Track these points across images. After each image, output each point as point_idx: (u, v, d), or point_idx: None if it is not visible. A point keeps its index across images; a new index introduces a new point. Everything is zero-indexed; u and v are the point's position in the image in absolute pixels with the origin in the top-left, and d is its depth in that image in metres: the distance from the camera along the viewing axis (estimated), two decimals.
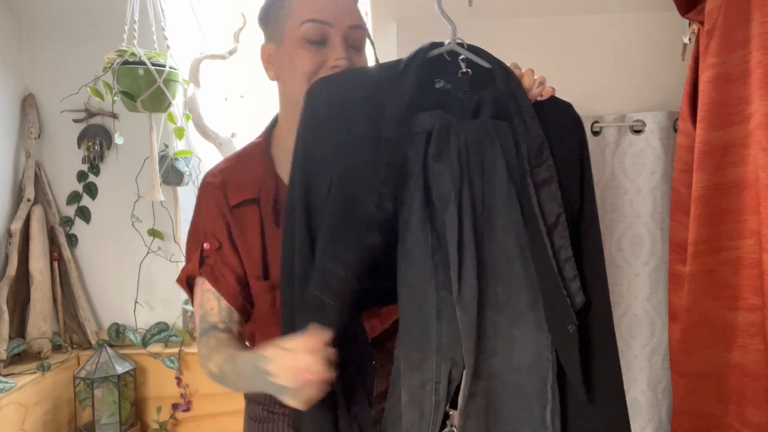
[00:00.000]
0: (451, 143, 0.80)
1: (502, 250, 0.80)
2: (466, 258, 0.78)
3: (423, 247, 0.79)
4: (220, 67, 2.14)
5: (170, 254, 2.03)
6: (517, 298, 0.80)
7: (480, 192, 0.80)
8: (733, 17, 1.24)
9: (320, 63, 0.90)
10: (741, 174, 1.25)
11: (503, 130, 0.82)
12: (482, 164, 0.80)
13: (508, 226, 0.80)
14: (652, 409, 1.73)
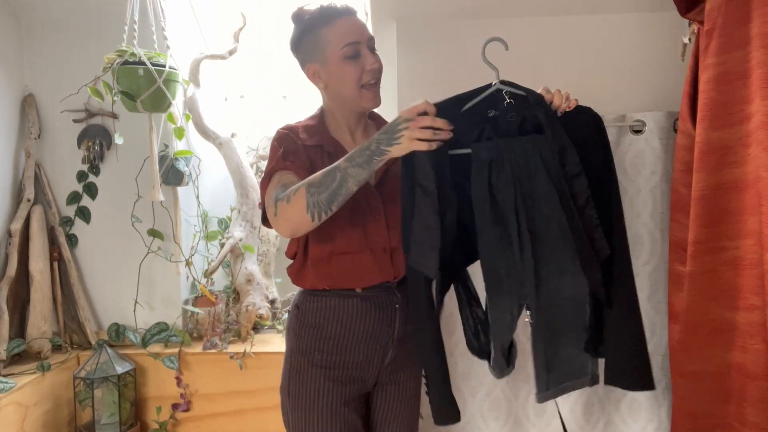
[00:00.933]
0: (505, 162, 1.16)
1: (547, 227, 1.17)
2: (524, 242, 1.16)
3: (495, 237, 1.17)
4: (220, 67, 2.15)
5: (170, 254, 2.03)
6: (561, 257, 1.18)
7: (528, 189, 1.16)
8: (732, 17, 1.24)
9: (360, 70, 1.24)
10: (741, 174, 1.25)
11: (541, 140, 1.18)
12: (528, 169, 1.17)
13: (550, 211, 1.16)
14: (652, 409, 1.73)
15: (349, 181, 1.12)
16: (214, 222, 2.17)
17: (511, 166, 1.16)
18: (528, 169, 1.17)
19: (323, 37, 1.24)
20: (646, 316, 1.73)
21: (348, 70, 1.24)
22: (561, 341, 1.23)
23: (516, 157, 1.17)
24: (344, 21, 1.24)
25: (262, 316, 2.07)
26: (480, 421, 1.79)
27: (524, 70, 1.81)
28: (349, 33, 1.23)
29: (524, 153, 1.17)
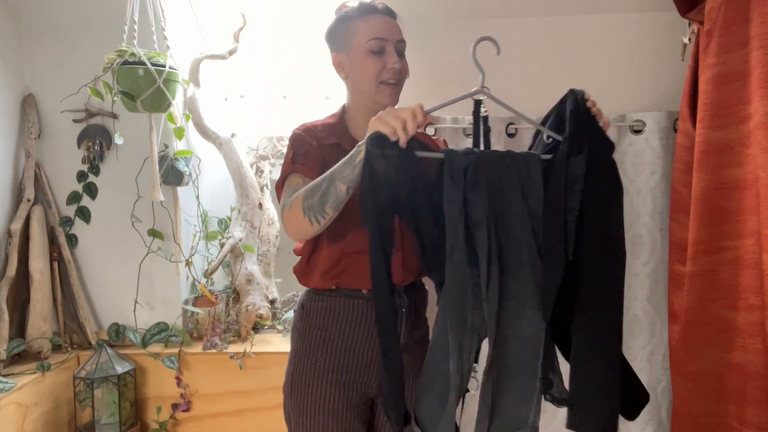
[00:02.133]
0: (480, 172, 1.07)
1: (516, 254, 1.09)
2: (492, 266, 1.07)
3: (464, 259, 1.07)
4: (220, 67, 2.15)
5: (170, 254, 2.03)
6: (525, 289, 1.09)
7: (500, 209, 1.08)
8: (732, 17, 1.24)
9: (381, 67, 1.25)
10: (741, 174, 1.25)
11: (518, 156, 1.11)
12: (501, 185, 1.09)
13: (522, 235, 1.08)
14: (652, 409, 1.73)
15: (336, 181, 1.12)
16: (214, 222, 2.17)
17: (486, 178, 1.08)
18: (501, 184, 1.10)
19: (354, 27, 1.27)
20: (646, 316, 1.74)
21: (370, 64, 1.25)
22: (510, 384, 1.13)
23: (489, 170, 1.09)
24: (378, 17, 1.27)
25: (262, 316, 2.07)
26: None
27: (524, 70, 1.81)
28: (379, 29, 1.25)
29: (497, 167, 1.10)
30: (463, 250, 1.06)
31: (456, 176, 1.07)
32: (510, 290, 1.10)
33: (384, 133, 1.06)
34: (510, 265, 1.09)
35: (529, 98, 1.81)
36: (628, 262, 1.75)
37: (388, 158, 1.07)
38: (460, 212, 1.06)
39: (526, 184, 1.11)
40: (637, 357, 1.75)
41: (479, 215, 1.06)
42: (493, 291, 1.07)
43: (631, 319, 1.76)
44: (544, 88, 1.81)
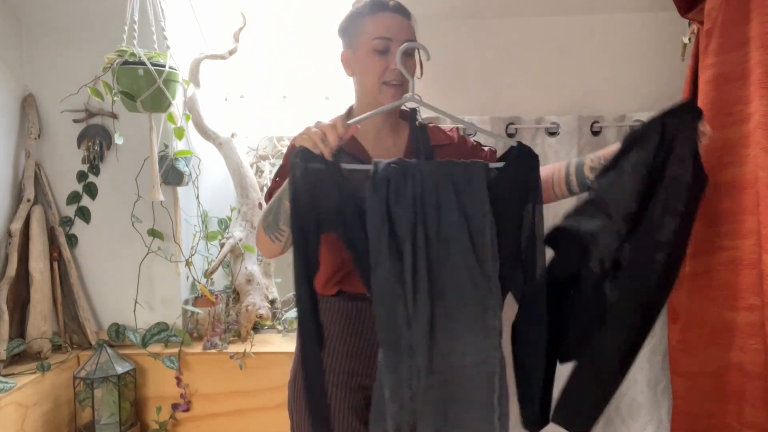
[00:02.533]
0: (408, 183, 1.02)
1: (454, 271, 1.02)
2: (419, 283, 1.00)
3: (392, 275, 1.01)
4: (220, 67, 2.15)
5: (170, 254, 2.03)
6: (467, 310, 1.02)
7: (435, 223, 1.02)
8: (732, 17, 1.24)
9: (385, 67, 1.23)
10: (740, 174, 1.25)
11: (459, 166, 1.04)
12: (437, 198, 1.02)
13: (459, 251, 1.02)
14: (652, 409, 1.73)
15: (283, 198, 1.13)
16: (214, 222, 2.17)
17: (414, 189, 1.02)
18: (437, 197, 1.03)
19: (362, 25, 1.25)
20: None
21: (373, 63, 1.23)
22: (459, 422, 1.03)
23: (422, 181, 1.03)
24: (387, 16, 1.24)
25: (262, 316, 2.07)
26: None
27: (524, 70, 1.81)
28: (386, 28, 1.23)
29: (433, 177, 1.03)
30: (388, 266, 1.00)
31: (378, 188, 1.02)
32: (447, 312, 1.02)
33: (306, 145, 1.05)
34: (446, 283, 1.02)
35: (530, 98, 1.81)
36: None
37: (313, 172, 1.04)
38: (382, 226, 1.01)
39: (467, 196, 1.03)
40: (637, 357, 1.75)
41: (404, 230, 1.01)
42: (423, 312, 1.00)
43: None
44: (544, 88, 1.81)
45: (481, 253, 1.03)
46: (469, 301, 1.02)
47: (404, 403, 1.02)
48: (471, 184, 1.03)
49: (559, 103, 1.80)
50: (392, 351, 1.02)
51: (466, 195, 1.03)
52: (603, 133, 1.73)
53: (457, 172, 1.04)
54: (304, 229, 1.05)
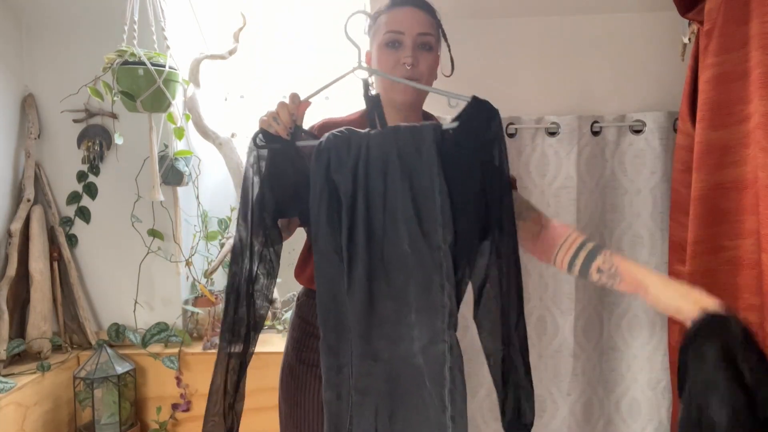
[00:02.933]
0: (350, 155, 0.97)
1: (398, 242, 0.93)
2: (356, 258, 0.92)
3: (331, 245, 0.94)
4: (220, 67, 2.15)
5: (170, 254, 2.03)
6: (411, 285, 0.92)
7: (381, 193, 0.95)
8: (732, 17, 1.23)
9: (396, 60, 1.18)
10: (740, 174, 1.25)
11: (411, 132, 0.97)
12: (384, 167, 0.95)
13: (403, 221, 0.93)
14: (652, 409, 1.73)
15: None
16: (214, 222, 2.17)
17: (358, 157, 0.96)
18: (382, 164, 0.96)
19: (380, 21, 1.22)
20: (646, 316, 1.74)
21: (384, 57, 1.19)
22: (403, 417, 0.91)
23: (368, 149, 0.97)
24: (402, 10, 1.20)
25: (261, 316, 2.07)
26: (480, 421, 1.79)
27: (524, 70, 1.81)
28: (397, 21, 1.19)
29: (380, 145, 0.97)
30: (326, 237, 0.94)
31: (320, 157, 0.97)
32: (389, 288, 0.93)
33: (263, 128, 1.04)
34: (389, 256, 0.93)
35: (529, 98, 1.81)
36: None
37: (274, 153, 1.02)
38: (321, 195, 0.96)
39: (413, 160, 0.96)
40: (637, 357, 1.75)
41: (343, 199, 0.95)
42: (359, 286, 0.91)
43: (631, 319, 1.76)
44: (544, 88, 1.81)
45: (428, 222, 0.93)
46: (414, 275, 0.92)
47: (342, 393, 0.93)
48: (418, 149, 0.96)
49: (559, 103, 1.80)
50: (331, 330, 0.94)
51: (412, 160, 0.95)
52: (603, 133, 1.73)
53: (403, 136, 0.97)
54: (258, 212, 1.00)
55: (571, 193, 1.71)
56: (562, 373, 1.76)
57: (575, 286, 1.73)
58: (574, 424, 1.77)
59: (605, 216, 1.76)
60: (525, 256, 1.77)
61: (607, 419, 1.80)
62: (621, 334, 1.78)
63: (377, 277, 0.93)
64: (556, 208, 1.74)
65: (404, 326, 0.92)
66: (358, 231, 0.93)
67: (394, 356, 0.92)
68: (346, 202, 0.94)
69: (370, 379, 0.91)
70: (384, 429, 0.91)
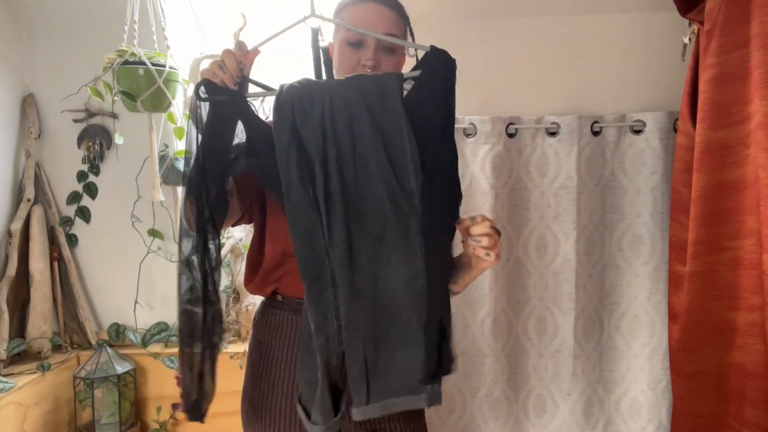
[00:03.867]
0: (315, 107, 0.95)
1: (373, 192, 0.95)
2: (333, 206, 0.94)
3: (305, 199, 0.95)
4: None
5: (170, 254, 2.03)
6: (390, 231, 0.95)
7: (350, 143, 0.95)
8: (732, 17, 1.24)
9: (357, 61, 1.12)
10: (741, 174, 1.25)
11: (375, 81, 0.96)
12: (350, 117, 0.95)
13: (377, 171, 0.95)
14: (652, 409, 1.73)
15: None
16: None
17: (323, 108, 0.95)
18: (349, 115, 0.95)
19: (343, 15, 1.16)
20: (646, 316, 1.74)
21: (345, 55, 1.13)
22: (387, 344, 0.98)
23: (331, 99, 0.95)
24: (368, 6, 1.13)
25: None
26: (480, 421, 1.79)
27: (524, 70, 1.81)
28: (362, 19, 1.11)
29: (342, 95, 0.96)
30: (300, 192, 0.94)
31: (282, 111, 0.95)
32: (367, 235, 0.96)
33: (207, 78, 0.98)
34: (365, 205, 0.96)
35: (530, 98, 1.81)
36: (629, 262, 1.75)
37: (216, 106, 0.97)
38: (290, 151, 0.94)
39: (379, 110, 0.95)
40: (637, 357, 1.75)
41: (313, 153, 0.94)
42: (339, 237, 0.94)
43: (631, 319, 1.76)
44: (544, 88, 1.81)
45: (401, 171, 0.95)
46: (391, 221, 0.95)
47: (330, 335, 0.96)
48: (384, 98, 0.95)
49: (559, 103, 1.80)
50: (314, 281, 0.96)
51: (379, 110, 0.95)
52: (603, 133, 1.73)
53: (368, 86, 0.96)
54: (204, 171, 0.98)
55: (571, 193, 1.71)
56: (562, 373, 1.76)
57: (575, 286, 1.73)
58: (574, 424, 1.77)
59: (605, 216, 1.76)
60: (525, 256, 1.77)
61: (607, 419, 1.80)
62: (621, 334, 1.78)
63: (355, 227, 0.95)
64: (556, 208, 1.74)
65: (384, 266, 0.96)
66: (333, 183, 0.94)
67: (377, 292, 0.96)
68: (318, 156, 0.94)
69: (356, 316, 0.96)
70: (371, 355, 0.97)
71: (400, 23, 1.16)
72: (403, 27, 1.17)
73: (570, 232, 1.73)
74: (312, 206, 0.95)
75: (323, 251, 0.95)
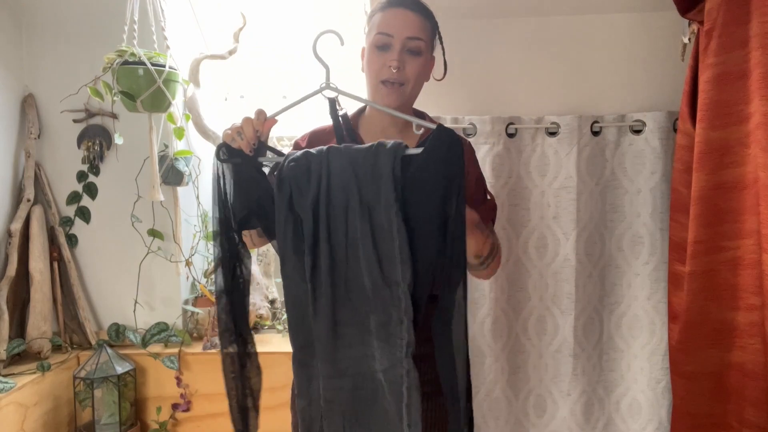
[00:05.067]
0: (311, 186, 0.98)
1: (358, 276, 0.97)
2: (320, 288, 0.97)
3: (298, 271, 0.99)
4: (220, 67, 2.14)
5: (170, 254, 2.03)
6: (373, 316, 0.97)
7: (343, 223, 0.97)
8: (732, 17, 1.24)
9: (383, 63, 1.18)
10: (740, 174, 1.25)
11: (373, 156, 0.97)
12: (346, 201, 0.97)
13: (363, 256, 0.96)
14: (652, 409, 1.73)
15: None
16: None
17: (319, 187, 0.98)
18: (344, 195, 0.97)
19: (373, 20, 1.22)
20: (646, 316, 1.74)
21: (372, 59, 1.19)
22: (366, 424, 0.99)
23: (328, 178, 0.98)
24: (395, 11, 1.19)
25: (262, 316, 2.07)
26: (480, 421, 1.79)
27: (524, 70, 1.81)
28: (389, 23, 1.18)
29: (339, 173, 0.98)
30: (293, 263, 0.99)
31: (282, 187, 1.00)
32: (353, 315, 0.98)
33: (227, 142, 1.05)
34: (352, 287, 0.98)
35: (530, 98, 1.81)
36: (629, 262, 1.75)
37: (235, 168, 1.04)
38: (286, 225, 0.99)
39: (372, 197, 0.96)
40: (637, 357, 1.75)
41: (306, 230, 0.98)
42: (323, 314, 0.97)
43: (631, 319, 1.76)
44: (544, 88, 1.81)
45: (387, 260, 0.95)
46: (373, 308, 0.96)
47: (312, 400, 1.00)
48: (376, 183, 0.95)
49: (559, 103, 1.80)
50: (301, 348, 1.01)
51: (370, 197, 0.95)
52: (603, 133, 1.73)
53: (362, 167, 0.96)
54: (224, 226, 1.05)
55: (571, 193, 1.72)
56: (562, 373, 1.76)
57: (575, 286, 1.73)
58: (574, 424, 1.77)
59: (605, 216, 1.76)
60: (525, 256, 1.77)
61: (607, 419, 1.80)
62: (621, 334, 1.78)
63: (340, 306, 0.98)
64: (556, 208, 1.74)
65: (367, 348, 0.98)
66: (321, 263, 0.97)
67: (358, 372, 0.99)
68: (308, 237, 0.97)
69: (336, 392, 0.99)
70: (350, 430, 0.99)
71: (427, 27, 1.21)
72: (430, 31, 1.22)
73: (570, 232, 1.73)
74: (303, 279, 0.99)
75: (311, 322, 0.99)
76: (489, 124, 1.71)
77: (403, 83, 1.18)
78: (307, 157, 1.00)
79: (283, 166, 1.01)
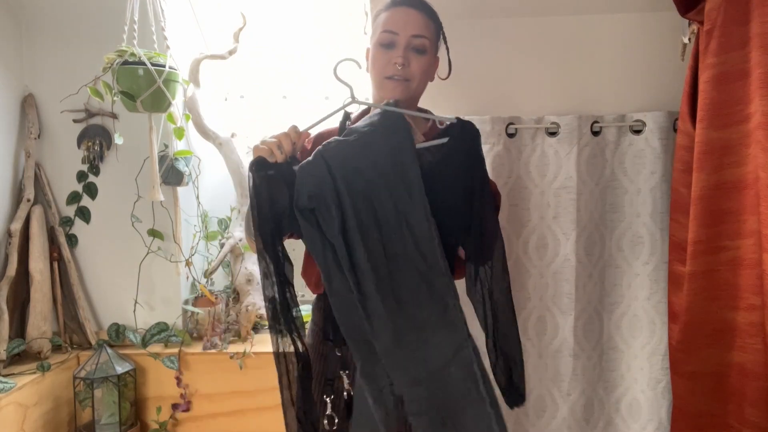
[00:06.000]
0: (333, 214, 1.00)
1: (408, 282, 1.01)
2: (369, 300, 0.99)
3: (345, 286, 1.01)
4: (220, 67, 2.14)
5: (170, 254, 2.03)
6: (429, 312, 1.01)
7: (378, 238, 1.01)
8: (732, 17, 1.24)
9: (388, 60, 1.21)
10: (741, 174, 1.25)
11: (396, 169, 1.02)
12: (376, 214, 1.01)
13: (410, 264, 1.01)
14: (652, 409, 1.73)
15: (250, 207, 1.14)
16: (214, 222, 2.17)
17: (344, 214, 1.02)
18: (374, 213, 1.02)
19: (379, 19, 1.25)
20: (646, 316, 1.74)
21: (378, 56, 1.23)
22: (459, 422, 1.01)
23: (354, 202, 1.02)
24: (400, 10, 1.23)
25: (262, 316, 2.07)
26: None
27: (524, 70, 1.81)
28: (394, 21, 1.21)
29: (366, 193, 1.02)
30: (338, 281, 1.01)
31: (306, 217, 1.03)
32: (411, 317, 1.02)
33: (264, 156, 1.07)
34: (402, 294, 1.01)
35: (529, 98, 1.81)
36: (629, 262, 1.75)
37: (270, 180, 1.06)
38: (324, 251, 1.02)
39: (405, 204, 1.02)
40: (637, 357, 1.75)
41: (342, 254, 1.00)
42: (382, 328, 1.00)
43: (631, 319, 1.76)
44: (544, 88, 1.81)
45: (431, 258, 1.01)
46: (429, 304, 1.01)
47: (389, 409, 1.02)
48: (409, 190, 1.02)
49: (559, 103, 1.80)
50: (365, 360, 1.02)
51: (404, 204, 1.02)
52: (603, 133, 1.73)
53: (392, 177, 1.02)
54: (266, 235, 1.06)
55: (571, 193, 1.71)
56: (562, 373, 1.76)
57: (575, 286, 1.73)
58: (574, 424, 1.77)
59: (605, 216, 1.76)
60: (525, 256, 1.77)
61: (607, 419, 1.80)
62: (621, 334, 1.78)
63: (395, 316, 1.00)
64: (556, 208, 1.74)
65: (432, 347, 1.01)
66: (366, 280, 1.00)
67: (430, 374, 1.01)
68: (345, 261, 0.99)
69: (418, 402, 1.01)
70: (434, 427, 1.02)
71: (431, 27, 1.24)
72: (434, 31, 1.25)
73: (570, 232, 1.73)
74: (351, 293, 1.01)
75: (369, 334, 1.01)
76: (489, 124, 1.71)
77: (408, 79, 1.21)
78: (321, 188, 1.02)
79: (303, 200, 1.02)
